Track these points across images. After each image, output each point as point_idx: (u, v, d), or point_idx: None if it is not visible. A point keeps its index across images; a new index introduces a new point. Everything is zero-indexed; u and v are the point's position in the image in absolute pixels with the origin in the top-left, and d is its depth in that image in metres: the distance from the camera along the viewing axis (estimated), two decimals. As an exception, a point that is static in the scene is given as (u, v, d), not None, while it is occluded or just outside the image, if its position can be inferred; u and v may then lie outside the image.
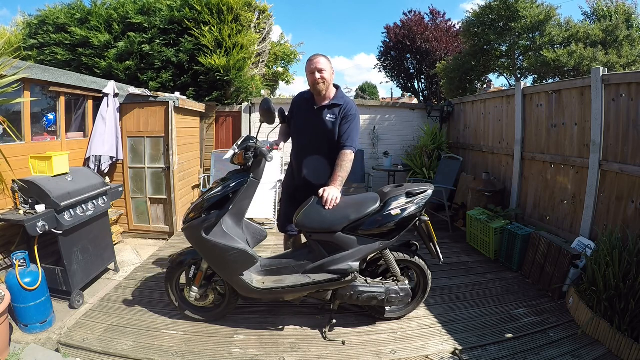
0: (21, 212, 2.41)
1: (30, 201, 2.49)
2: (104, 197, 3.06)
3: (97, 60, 5.60)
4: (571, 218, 3.31)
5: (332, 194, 2.14)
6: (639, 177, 2.60)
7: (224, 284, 2.35)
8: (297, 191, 2.47)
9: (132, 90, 4.12)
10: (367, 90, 21.80)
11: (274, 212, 4.62)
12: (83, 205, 2.79)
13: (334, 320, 2.30)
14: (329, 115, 2.31)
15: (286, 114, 2.52)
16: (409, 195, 2.19)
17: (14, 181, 2.45)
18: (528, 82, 6.74)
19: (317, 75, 2.24)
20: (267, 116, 2.17)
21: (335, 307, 2.29)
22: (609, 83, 2.86)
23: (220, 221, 2.12)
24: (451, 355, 2.07)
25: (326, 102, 2.32)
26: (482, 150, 4.85)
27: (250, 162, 2.15)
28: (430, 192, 2.25)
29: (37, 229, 2.35)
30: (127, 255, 3.76)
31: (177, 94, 4.40)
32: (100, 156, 3.82)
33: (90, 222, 2.90)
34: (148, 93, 4.13)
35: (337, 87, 2.38)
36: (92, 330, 2.25)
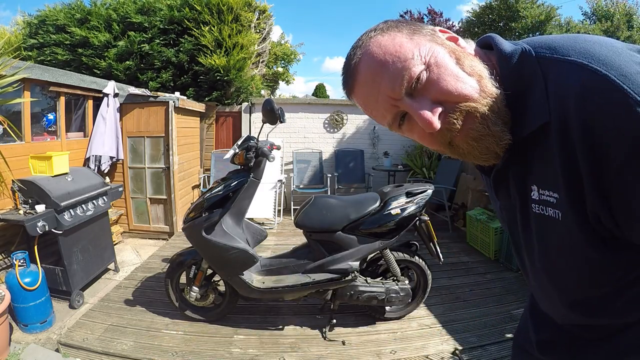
0: (21, 212, 2.41)
1: (30, 201, 2.48)
2: (104, 197, 3.06)
3: (97, 60, 5.60)
4: (571, 218, 3.27)
5: None
6: (639, 177, 2.57)
7: (224, 283, 2.35)
8: None
9: (132, 90, 4.12)
10: (367, 90, 21.80)
11: (274, 212, 4.62)
12: (83, 205, 2.79)
13: (334, 320, 2.29)
14: (538, 196, 0.51)
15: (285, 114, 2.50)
16: (408, 195, 2.20)
17: (13, 181, 2.45)
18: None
19: (407, 101, 0.52)
20: (270, 116, 2.17)
21: (335, 307, 2.29)
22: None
23: (221, 221, 2.12)
24: (451, 355, 2.07)
25: (505, 148, 0.52)
26: (482, 150, 4.84)
27: (252, 162, 2.15)
28: (430, 191, 2.25)
29: (37, 229, 2.34)
30: (127, 255, 3.76)
31: (177, 94, 4.40)
32: (100, 156, 3.82)
33: (90, 222, 2.90)
34: (148, 93, 4.13)
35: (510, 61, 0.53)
36: (92, 330, 2.25)
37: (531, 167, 0.52)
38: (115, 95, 3.97)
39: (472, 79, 0.51)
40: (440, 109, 0.50)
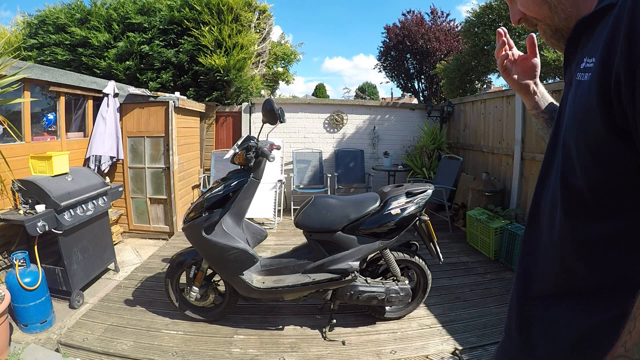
0: (21, 212, 2.41)
1: (30, 201, 2.48)
2: (104, 197, 3.06)
3: (97, 60, 5.60)
4: (571, 218, 3.27)
5: None
6: None
7: (224, 283, 2.35)
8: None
9: (132, 90, 4.12)
10: (366, 90, 21.80)
11: (274, 212, 4.62)
12: (83, 205, 2.79)
13: (334, 320, 2.30)
14: (584, 64, 0.59)
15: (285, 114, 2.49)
16: (408, 195, 2.20)
17: (13, 181, 2.45)
18: (528, 82, 6.72)
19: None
20: (269, 116, 2.16)
21: (335, 307, 2.29)
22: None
23: (221, 221, 2.13)
24: (451, 355, 2.07)
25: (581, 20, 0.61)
26: (482, 150, 4.85)
27: (252, 162, 2.15)
28: (430, 191, 2.25)
29: (37, 229, 2.34)
30: (127, 255, 3.76)
31: (177, 94, 4.40)
32: (100, 156, 3.82)
33: (90, 222, 2.90)
34: (148, 93, 4.13)
35: None
36: (92, 330, 2.25)
37: (590, 41, 0.64)
38: (115, 95, 3.97)
39: (544, 6, 0.70)
40: (520, 16, 0.76)
